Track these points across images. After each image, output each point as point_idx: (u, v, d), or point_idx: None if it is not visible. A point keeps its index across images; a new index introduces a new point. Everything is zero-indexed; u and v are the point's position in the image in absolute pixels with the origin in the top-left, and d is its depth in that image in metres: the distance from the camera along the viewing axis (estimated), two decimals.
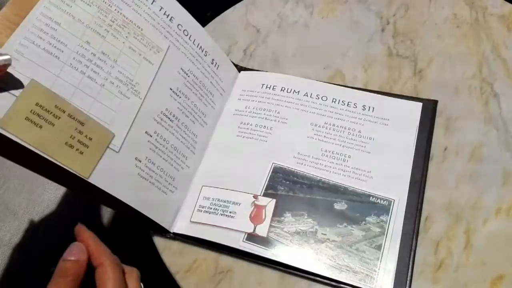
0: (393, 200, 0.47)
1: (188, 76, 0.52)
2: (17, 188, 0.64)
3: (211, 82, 0.55)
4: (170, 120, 0.49)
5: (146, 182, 0.46)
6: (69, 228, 0.38)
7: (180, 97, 0.51)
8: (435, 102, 0.54)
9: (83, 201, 0.64)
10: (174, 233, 0.48)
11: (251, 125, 0.54)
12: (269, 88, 0.57)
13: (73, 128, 0.40)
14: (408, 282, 0.43)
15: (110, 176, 0.42)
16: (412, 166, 0.49)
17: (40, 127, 0.37)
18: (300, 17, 0.65)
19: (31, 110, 0.37)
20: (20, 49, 0.38)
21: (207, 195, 0.50)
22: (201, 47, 0.54)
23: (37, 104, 0.38)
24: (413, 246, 0.45)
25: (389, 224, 0.46)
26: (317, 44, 0.62)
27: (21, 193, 0.64)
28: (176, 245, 0.48)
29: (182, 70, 0.52)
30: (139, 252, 0.47)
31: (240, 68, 0.60)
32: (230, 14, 0.67)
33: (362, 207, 0.47)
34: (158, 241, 0.49)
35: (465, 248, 0.45)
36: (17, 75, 0.37)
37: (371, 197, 0.48)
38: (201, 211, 0.49)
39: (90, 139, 0.41)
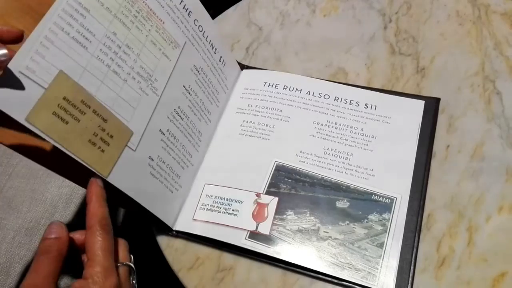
0: (395, 198, 0.47)
1: (199, 74, 0.52)
2: (20, 186, 0.64)
3: (217, 79, 0.55)
4: (181, 118, 0.49)
5: (156, 180, 0.46)
6: (72, 226, 0.38)
7: (191, 95, 0.50)
8: (437, 100, 0.54)
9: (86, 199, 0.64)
10: (176, 231, 0.48)
11: (254, 123, 0.54)
12: (272, 86, 0.57)
13: (96, 125, 0.38)
14: (410, 279, 0.43)
15: (125, 175, 0.41)
16: (415, 164, 0.49)
17: (66, 122, 0.36)
18: (302, 15, 0.65)
19: (58, 104, 0.35)
20: (50, 36, 0.35)
21: (209, 193, 0.50)
22: (212, 44, 0.54)
23: (64, 98, 0.36)
24: (415, 243, 0.45)
25: (391, 221, 0.46)
26: (319, 42, 0.62)
27: (24, 191, 0.64)
28: (179, 242, 0.48)
29: (195, 67, 0.51)
30: (142, 250, 0.47)
31: (242, 66, 0.60)
32: (232, 13, 0.67)
33: (364, 205, 0.47)
34: (161, 238, 0.49)
35: (467, 246, 0.45)
36: (45, 64, 0.35)
37: (373, 195, 0.48)
38: (204, 209, 0.49)
39: (112, 136, 0.40)
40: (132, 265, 0.38)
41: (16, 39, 0.36)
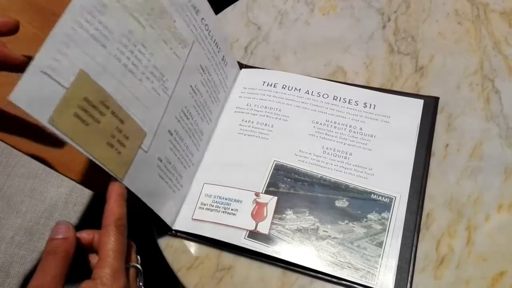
0: (394, 197, 0.47)
1: (205, 73, 0.51)
2: (19, 186, 0.64)
3: (219, 79, 0.55)
4: (187, 118, 0.48)
5: (162, 181, 0.45)
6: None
7: (196, 95, 0.50)
8: (436, 99, 0.54)
9: (86, 198, 0.64)
10: (176, 230, 0.48)
11: (252, 122, 0.54)
12: (270, 85, 0.57)
13: (114, 126, 0.37)
14: (409, 278, 0.43)
15: (138, 177, 0.40)
16: (414, 163, 0.49)
17: (87, 124, 0.34)
18: (301, 14, 0.65)
19: (79, 105, 0.34)
20: (71, 33, 0.33)
21: (208, 193, 0.50)
22: (216, 43, 0.53)
23: (85, 99, 0.34)
24: (415, 242, 0.45)
25: (390, 221, 0.46)
26: (318, 41, 0.62)
27: (23, 191, 0.64)
28: (178, 242, 0.48)
29: (201, 67, 0.50)
30: (141, 249, 0.47)
31: (241, 66, 0.60)
32: (231, 12, 0.67)
33: (363, 204, 0.47)
34: (160, 238, 0.49)
35: (466, 245, 0.45)
36: (67, 63, 0.33)
37: (372, 194, 0.48)
38: (203, 208, 0.49)
39: (127, 138, 0.39)
40: (139, 267, 0.38)
41: (12, 31, 0.36)
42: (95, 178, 0.42)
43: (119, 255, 0.35)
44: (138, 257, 0.39)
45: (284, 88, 0.56)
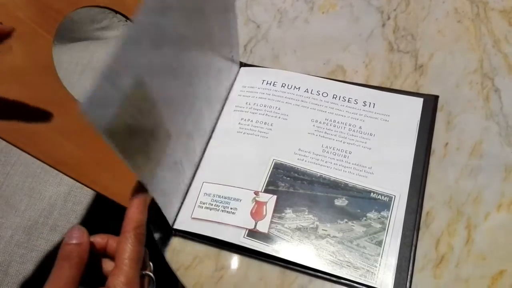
0: (393, 196, 0.47)
1: (218, 74, 0.51)
2: (18, 185, 0.64)
3: (225, 77, 0.54)
4: (199, 118, 0.48)
5: (172, 182, 0.45)
6: (71, 225, 0.38)
7: (208, 94, 0.49)
8: (436, 97, 0.54)
9: (85, 197, 0.64)
10: (175, 229, 0.48)
11: (252, 121, 0.54)
12: (270, 84, 0.57)
13: (151, 131, 0.35)
14: (408, 277, 0.43)
15: (158, 181, 0.39)
16: (413, 162, 0.49)
17: (130, 132, 0.32)
18: (300, 13, 0.65)
19: (130, 112, 0.31)
20: (138, 37, 0.31)
21: (208, 191, 0.50)
22: (231, 42, 0.52)
23: (136, 105, 0.32)
24: (414, 241, 0.45)
25: (389, 219, 0.46)
26: (317, 40, 0.62)
27: (22, 190, 0.64)
28: (177, 241, 0.48)
29: (216, 68, 0.50)
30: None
31: (240, 64, 0.60)
32: None
33: (362, 203, 0.47)
34: (159, 237, 0.49)
35: (466, 244, 0.45)
36: (129, 70, 0.30)
37: (371, 193, 0.48)
38: (202, 207, 0.49)
39: (157, 142, 0.37)
40: (152, 275, 0.38)
41: None
42: (96, 177, 0.41)
43: (134, 264, 0.35)
44: (151, 264, 0.39)
45: (284, 87, 0.56)
